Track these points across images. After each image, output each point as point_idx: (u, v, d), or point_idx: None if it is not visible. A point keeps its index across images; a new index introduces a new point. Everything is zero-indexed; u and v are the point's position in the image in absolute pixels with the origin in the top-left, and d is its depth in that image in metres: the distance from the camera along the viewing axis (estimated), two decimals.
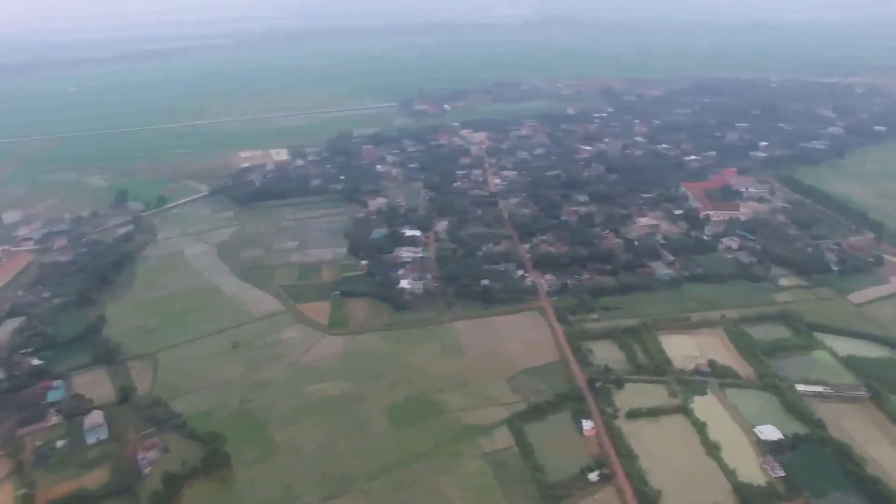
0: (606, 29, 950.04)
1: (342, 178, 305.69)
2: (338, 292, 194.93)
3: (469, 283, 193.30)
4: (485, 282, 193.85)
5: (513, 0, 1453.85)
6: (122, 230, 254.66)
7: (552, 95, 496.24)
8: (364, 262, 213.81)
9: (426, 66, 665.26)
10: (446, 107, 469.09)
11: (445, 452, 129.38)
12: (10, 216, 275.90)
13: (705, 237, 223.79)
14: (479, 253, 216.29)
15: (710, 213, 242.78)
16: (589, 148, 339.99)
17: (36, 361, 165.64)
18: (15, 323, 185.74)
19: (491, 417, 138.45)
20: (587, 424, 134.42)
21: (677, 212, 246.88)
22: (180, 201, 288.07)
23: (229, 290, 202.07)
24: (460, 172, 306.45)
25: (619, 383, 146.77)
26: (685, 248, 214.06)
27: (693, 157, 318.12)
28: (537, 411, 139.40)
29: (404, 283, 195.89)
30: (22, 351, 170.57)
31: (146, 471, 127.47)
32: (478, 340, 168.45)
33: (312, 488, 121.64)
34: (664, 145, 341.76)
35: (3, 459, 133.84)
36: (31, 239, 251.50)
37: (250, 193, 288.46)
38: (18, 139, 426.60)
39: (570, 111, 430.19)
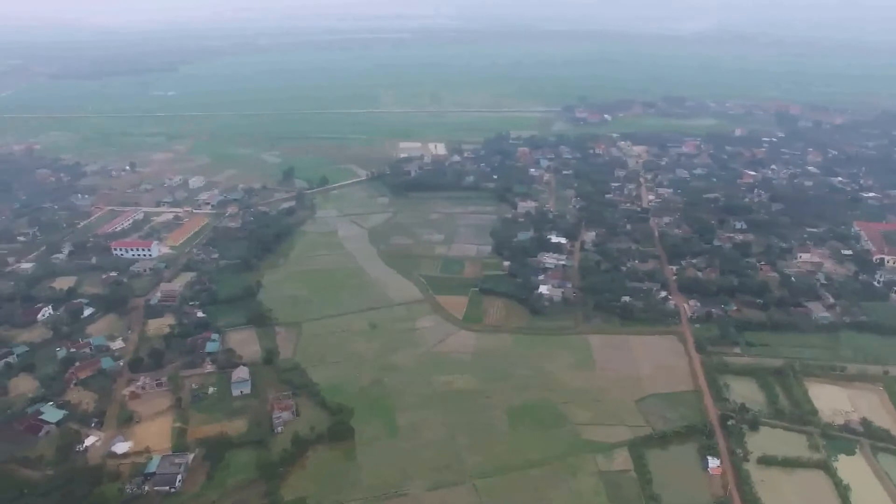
0: (788, 48, 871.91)
1: (495, 177, 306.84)
2: (477, 289, 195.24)
3: (609, 298, 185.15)
4: (626, 298, 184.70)
5: (691, 13, 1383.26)
6: (286, 204, 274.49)
7: (721, 114, 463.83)
8: (506, 263, 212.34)
9: (591, 73, 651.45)
10: (607, 116, 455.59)
11: (561, 464, 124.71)
12: (195, 182, 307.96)
13: (876, 283, 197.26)
14: (624, 268, 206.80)
15: (886, 257, 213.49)
16: (754, 173, 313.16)
17: (200, 314, 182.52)
18: (188, 277, 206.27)
19: (613, 437, 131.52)
20: (713, 462, 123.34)
21: (846, 252, 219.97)
22: (341, 183, 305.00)
23: (374, 273, 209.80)
24: (614, 184, 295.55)
25: (755, 425, 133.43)
26: (850, 291, 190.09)
27: (872, 195, 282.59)
28: (662, 439, 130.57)
29: (544, 289, 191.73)
30: (191, 303, 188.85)
31: (278, 429, 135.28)
32: (610, 356, 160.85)
33: (425, 474, 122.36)
34: (840, 178, 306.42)
35: (167, 394, 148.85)
36: (209, 204, 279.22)
37: (406, 183, 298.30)
38: (212, 114, 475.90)
39: (738, 132, 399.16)
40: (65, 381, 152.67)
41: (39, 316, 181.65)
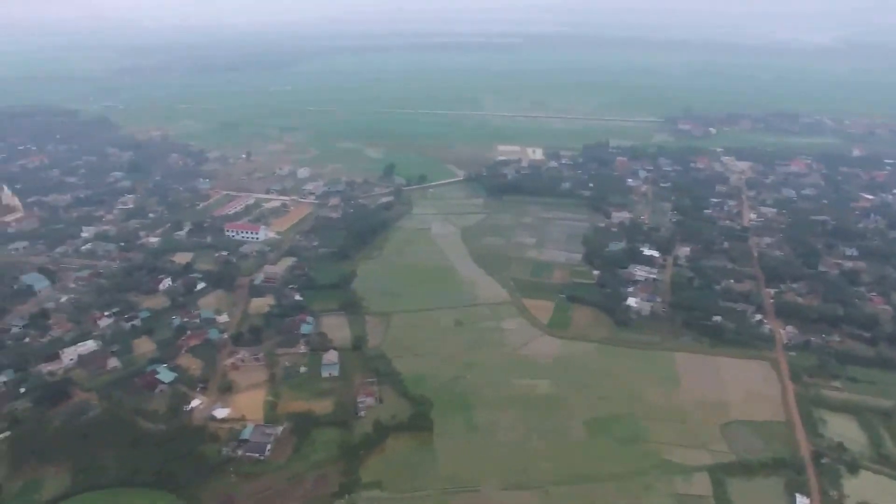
0: None
1: (591, 185, 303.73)
2: (564, 295, 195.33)
3: (700, 316, 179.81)
4: (717, 318, 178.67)
5: (811, 22, 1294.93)
6: (385, 199, 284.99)
7: (838, 133, 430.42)
8: (596, 272, 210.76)
9: (697, 85, 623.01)
10: (711, 130, 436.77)
11: (636, 480, 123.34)
12: (303, 172, 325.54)
13: None
14: (718, 287, 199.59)
15: None
16: (871, 197, 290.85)
17: (298, 297, 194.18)
18: (289, 261, 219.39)
19: (694, 460, 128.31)
20: (802, 500, 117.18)
21: None
22: (438, 182, 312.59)
23: (464, 272, 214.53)
24: (714, 200, 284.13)
25: (854, 468, 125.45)
26: None
27: None
28: (746, 468, 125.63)
29: (632, 301, 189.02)
30: (290, 286, 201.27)
31: (361, 413, 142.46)
32: (697, 376, 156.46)
33: (498, 474, 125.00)
34: None
35: (263, 369, 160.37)
36: (313, 194, 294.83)
37: (502, 186, 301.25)
38: (323, 110, 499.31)
39: (857, 153, 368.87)
40: (177, 347, 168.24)
41: (161, 286, 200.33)
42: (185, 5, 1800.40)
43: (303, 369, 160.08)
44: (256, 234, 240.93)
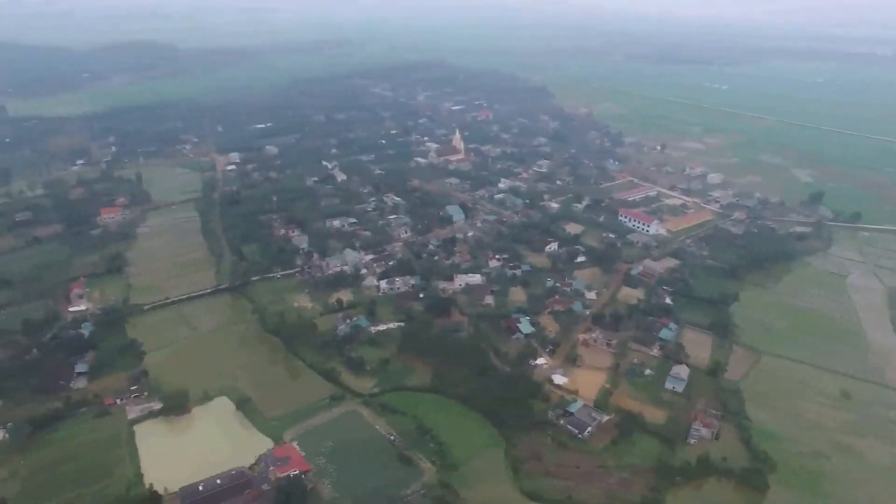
0: None
1: None
2: None
3: None
4: None
5: None
6: (799, 229, 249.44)
7: None
8: None
9: None
10: None
11: None
12: (714, 178, 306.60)
13: None
14: None
15: None
16: None
17: (668, 300, 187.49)
18: (671, 263, 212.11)
19: None
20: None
21: None
22: (876, 226, 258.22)
23: (875, 337, 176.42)
24: None
25: None
26: None
27: None
28: None
29: None
30: (664, 287, 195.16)
31: (691, 440, 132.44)
32: None
33: None
34: None
35: (611, 356, 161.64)
36: (718, 202, 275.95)
37: None
38: (755, 117, 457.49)
39: None
40: (543, 306, 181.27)
41: (547, 248, 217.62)
42: None
43: (648, 371, 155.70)
44: (648, 226, 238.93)
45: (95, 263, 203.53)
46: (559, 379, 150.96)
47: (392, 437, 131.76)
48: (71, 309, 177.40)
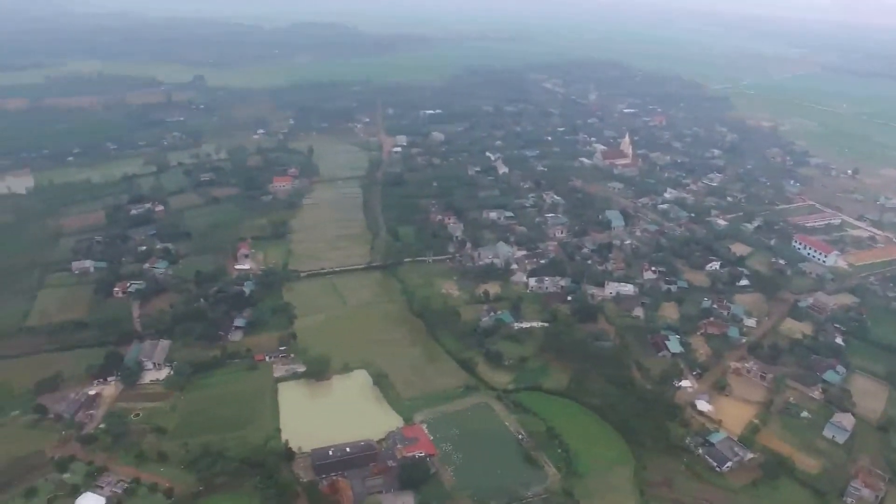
0: None
1: None
2: None
3: None
4: None
5: None
6: None
7: None
8: None
9: None
10: None
11: None
12: None
13: None
14: None
15: None
16: None
17: (839, 340, 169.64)
18: (848, 299, 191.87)
19: None
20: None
21: None
22: None
23: None
24: None
25: None
26: None
27: None
28: None
29: None
30: (836, 325, 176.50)
31: (849, 500, 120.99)
32: None
33: None
34: None
35: (764, 390, 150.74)
36: None
37: None
38: None
39: None
40: (696, 326, 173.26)
41: (707, 266, 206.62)
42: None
43: (805, 414, 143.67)
44: (826, 256, 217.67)
45: (262, 227, 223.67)
46: (703, 405, 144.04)
47: (520, 436, 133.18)
48: (237, 267, 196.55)
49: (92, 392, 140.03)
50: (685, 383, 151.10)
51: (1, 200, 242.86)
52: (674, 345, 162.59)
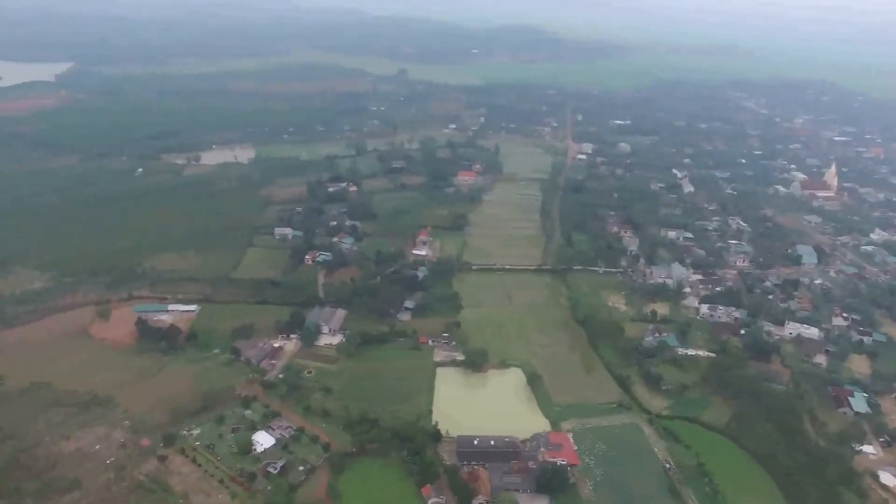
0: None
1: None
2: None
3: None
4: None
5: None
6: None
7: None
8: None
9: None
10: None
11: None
12: None
13: None
14: None
15: None
16: None
17: None
18: None
19: None
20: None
21: None
22: None
23: None
24: None
25: None
26: None
27: None
28: None
29: None
30: None
31: None
32: None
33: None
34: None
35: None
36: None
37: None
38: None
39: None
40: (890, 388, 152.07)
41: None
42: None
43: None
44: None
45: (443, 217, 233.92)
46: (888, 479, 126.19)
47: (668, 465, 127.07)
48: (414, 252, 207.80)
49: (276, 345, 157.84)
50: (868, 449, 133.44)
51: (229, 168, 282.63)
52: (859, 403, 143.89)
